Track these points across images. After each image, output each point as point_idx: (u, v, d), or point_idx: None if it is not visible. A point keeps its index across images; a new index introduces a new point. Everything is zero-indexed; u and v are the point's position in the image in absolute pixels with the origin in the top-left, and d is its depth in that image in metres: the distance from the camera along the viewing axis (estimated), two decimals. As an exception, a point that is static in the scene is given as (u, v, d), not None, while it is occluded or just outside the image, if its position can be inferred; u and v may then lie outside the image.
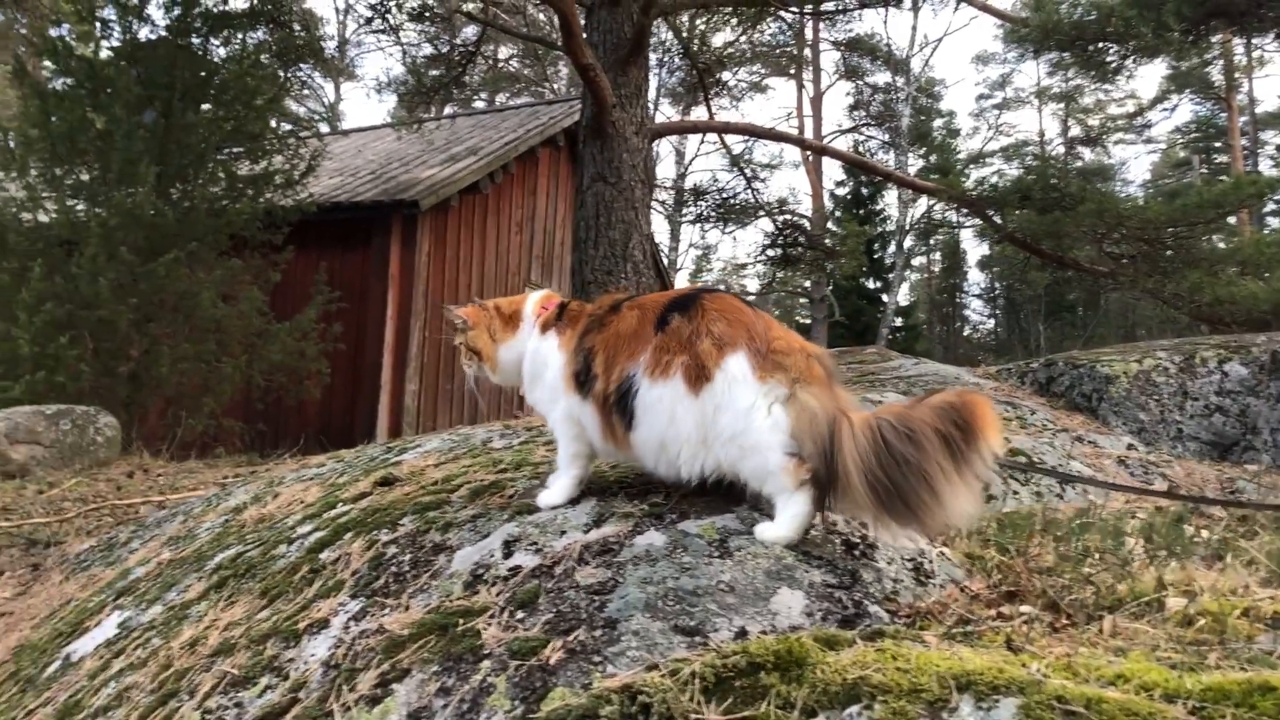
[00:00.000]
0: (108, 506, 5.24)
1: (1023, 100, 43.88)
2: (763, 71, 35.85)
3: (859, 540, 2.00)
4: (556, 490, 2.18)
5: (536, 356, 2.28)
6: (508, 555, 1.95)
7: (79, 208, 9.21)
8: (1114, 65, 9.65)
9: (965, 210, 9.28)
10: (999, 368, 4.99)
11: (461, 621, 1.77)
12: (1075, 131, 41.91)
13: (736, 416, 1.91)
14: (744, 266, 59.72)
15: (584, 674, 1.54)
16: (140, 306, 8.62)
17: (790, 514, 1.89)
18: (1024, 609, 1.84)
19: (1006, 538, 2.18)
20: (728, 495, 2.02)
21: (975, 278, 49.49)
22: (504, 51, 33.40)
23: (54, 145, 9.03)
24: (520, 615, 1.74)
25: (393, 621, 1.86)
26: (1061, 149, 42.52)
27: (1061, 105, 41.66)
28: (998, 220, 8.93)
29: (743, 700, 1.41)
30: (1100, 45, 8.99)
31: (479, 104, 30.27)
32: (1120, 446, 3.75)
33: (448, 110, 18.39)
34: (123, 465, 7.29)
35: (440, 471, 2.61)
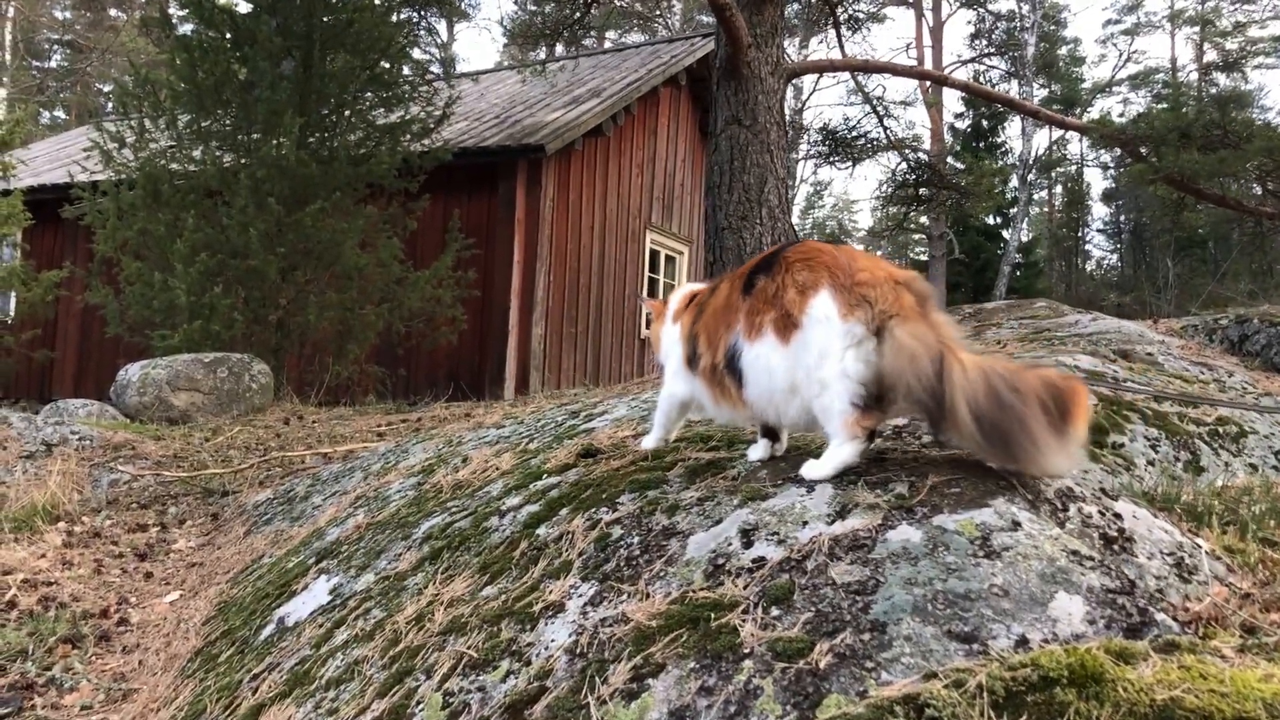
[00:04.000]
0: (278, 459, 5.39)
1: (1154, 25, 41.70)
2: (881, 0, 34.70)
3: (1116, 534, 1.90)
4: (651, 438, 2.55)
5: (665, 345, 2.50)
6: (748, 545, 1.90)
7: (225, 159, 9.44)
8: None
9: (1118, 149, 8.83)
10: (1184, 323, 4.74)
11: (713, 615, 1.73)
12: (1211, 56, 39.65)
13: (819, 355, 1.98)
14: (855, 203, 58.69)
15: (857, 680, 1.48)
16: (287, 256, 8.83)
17: (834, 458, 2.03)
18: (1310, 614, 1.72)
19: (1268, 528, 2.05)
20: (977, 485, 1.93)
21: (1099, 212, 47.62)
22: (615, -15, 32.99)
23: (200, 97, 9.25)
24: (776, 612, 1.69)
25: (636, 610, 1.83)
26: (1195, 75, 40.39)
27: (1197, 29, 39.44)
28: (1153, 160, 8.47)
29: (1038, 719, 1.34)
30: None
31: (588, 42, 30.06)
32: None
33: (560, 50, 18.27)
34: (276, 411, 7.53)
35: (641, 441, 2.58)
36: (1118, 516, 1.95)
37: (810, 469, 2.06)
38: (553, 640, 1.86)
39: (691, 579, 1.87)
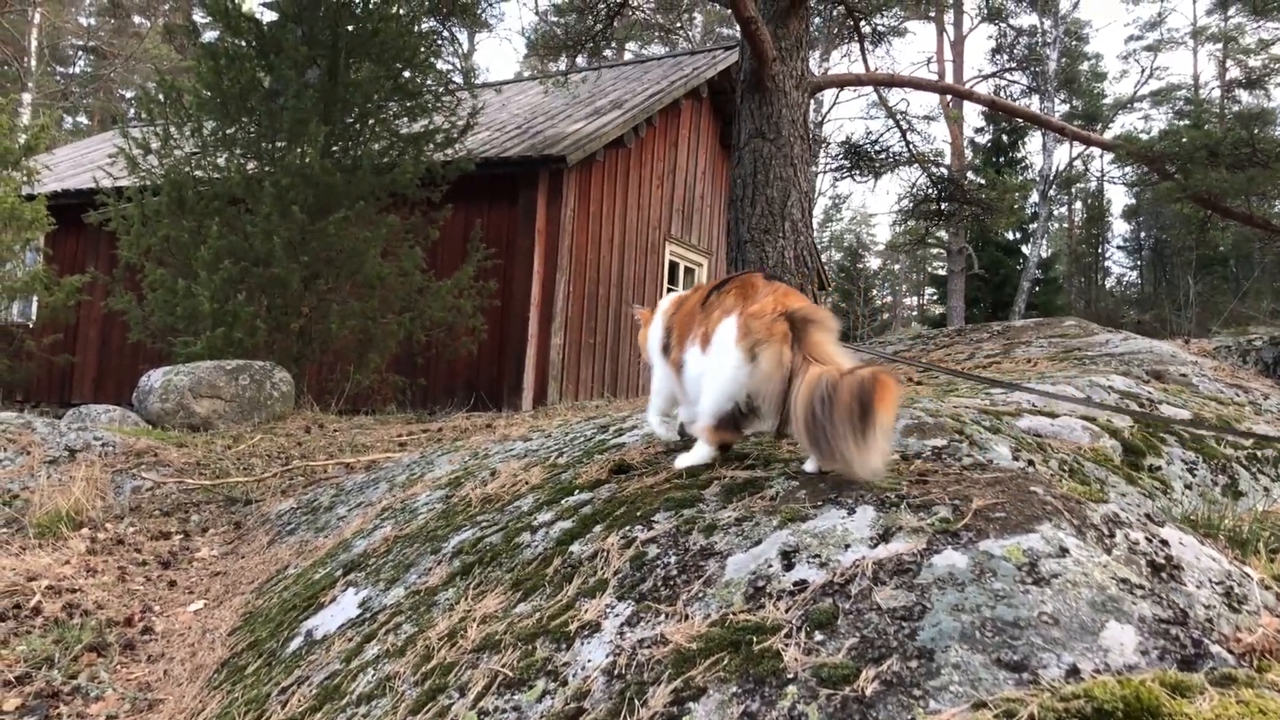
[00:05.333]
0: (300, 468, 5.39)
1: (1177, 41, 41.56)
2: (901, 14, 34.68)
3: (1164, 561, 1.86)
4: (658, 430, 2.92)
5: (652, 333, 2.87)
6: (788, 567, 1.87)
7: (249, 166, 9.48)
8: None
9: (1144, 167, 8.78)
10: (1216, 344, 4.69)
11: (755, 638, 1.70)
12: (1234, 73, 39.47)
13: (710, 372, 2.40)
14: (873, 216, 58.55)
15: (905, 709, 1.46)
16: (309, 264, 8.85)
17: (696, 454, 2.50)
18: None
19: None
20: (1022, 509, 1.90)
21: (1120, 228, 47.40)
22: (637, -1, 33.08)
23: (226, 105, 9.29)
24: (819, 637, 1.66)
25: (675, 631, 1.80)
26: (1217, 92, 40.21)
27: (1220, 45, 39.28)
28: (1180, 178, 8.41)
29: (1093, 752, 1.31)
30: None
31: (609, 54, 30.12)
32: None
33: (582, 61, 18.31)
34: (297, 419, 7.53)
35: (675, 460, 2.55)
36: (1164, 543, 1.92)
37: (680, 460, 2.54)
38: (589, 660, 1.84)
39: (731, 601, 1.84)
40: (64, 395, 15.12)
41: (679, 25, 34.02)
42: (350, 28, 9.69)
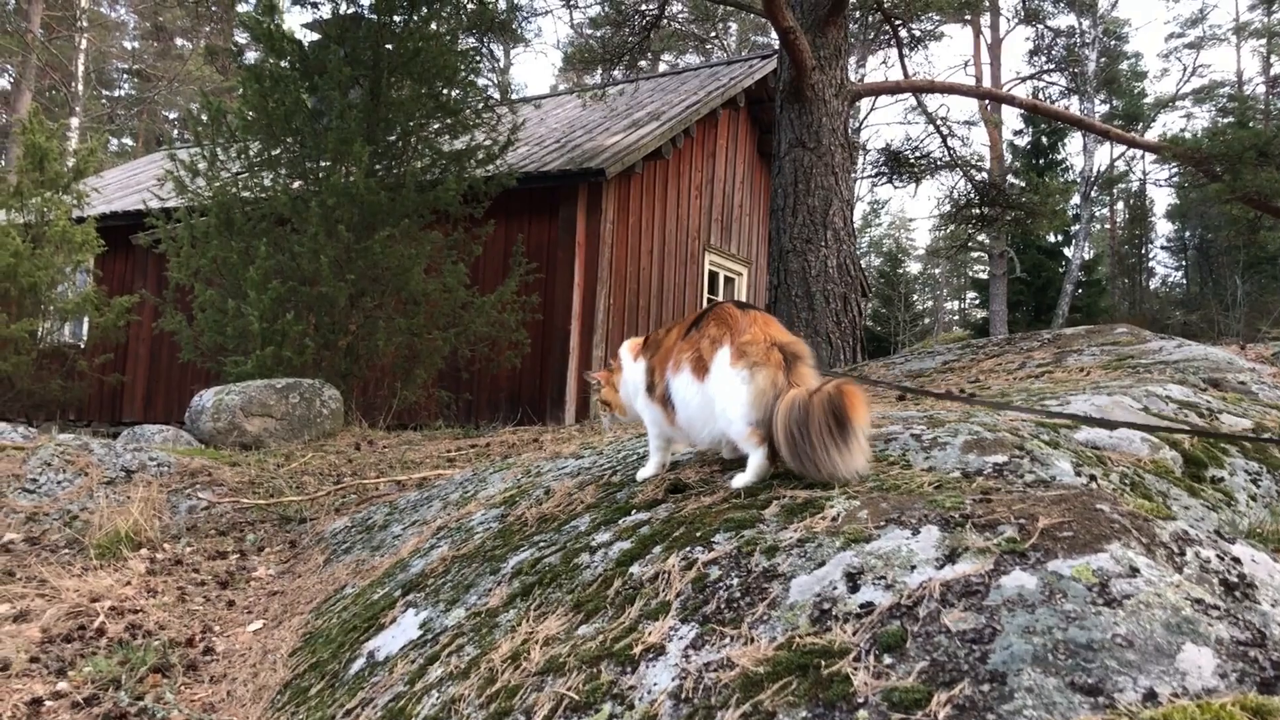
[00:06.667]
0: (353, 485, 5.44)
1: (1219, 38, 40.96)
2: (938, 18, 34.47)
3: (1236, 580, 1.84)
4: (650, 466, 2.98)
5: (630, 379, 2.99)
6: (854, 589, 1.87)
7: (294, 185, 9.61)
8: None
9: (1192, 168, 8.67)
10: (1274, 349, 4.61)
11: (823, 662, 1.69)
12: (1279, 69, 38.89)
13: (723, 395, 2.53)
14: (912, 221, 58.14)
15: (979, 733, 1.45)
16: (356, 282, 8.95)
17: (752, 466, 2.54)
18: None
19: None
20: (1089, 528, 1.88)
21: (1163, 229, 46.72)
22: (670, 8, 33.11)
23: (271, 126, 9.43)
24: (889, 660, 1.65)
25: (740, 655, 1.80)
26: (1262, 89, 39.58)
27: (1264, 41, 38.69)
28: (1228, 179, 8.29)
29: (1175, 778, 1.30)
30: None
31: (643, 65, 30.19)
32: None
33: (618, 74, 18.37)
34: (346, 436, 7.61)
35: (731, 479, 2.56)
36: (1236, 561, 1.89)
37: (738, 479, 2.57)
38: (655, 684, 1.84)
39: (797, 623, 1.84)
40: (115, 414, 15.38)
41: (714, 35, 34.00)
42: (390, 47, 9.80)
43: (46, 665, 3.10)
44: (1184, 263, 45.80)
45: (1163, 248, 46.95)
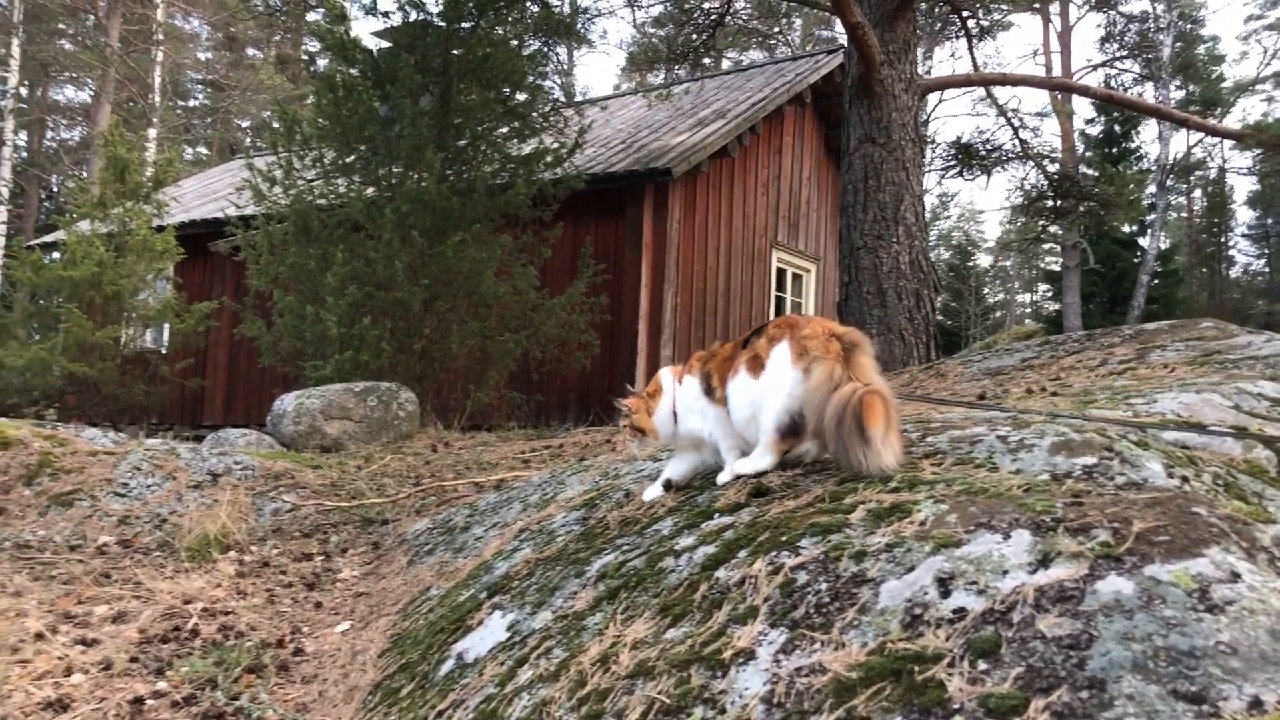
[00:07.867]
0: (432, 487, 5.53)
1: (1300, 18, 39.66)
2: (1006, 8, 33.88)
3: (1340, 584, 1.80)
4: (726, 473, 2.92)
5: (684, 398, 3.03)
6: (945, 594, 1.86)
7: (367, 191, 9.78)
8: None
9: (1275, 154, 8.41)
10: (1371, 344, 4.45)
11: (916, 668, 1.69)
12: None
13: (774, 387, 2.64)
14: (981, 213, 57.25)
15: (1079, 741, 1.44)
16: (429, 286, 9.09)
17: (757, 458, 2.77)
18: None
19: None
20: (1186, 532, 1.86)
21: (1244, 216, 45.37)
22: (734, 5, 32.99)
23: (345, 134, 9.61)
24: (983, 666, 1.65)
25: (833, 660, 1.81)
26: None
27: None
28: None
29: (1285, 788, 1.28)
30: None
31: (707, 62, 30.14)
32: None
33: (682, 73, 18.36)
34: (422, 438, 7.73)
35: (817, 485, 2.55)
36: None
37: (744, 465, 2.82)
38: (746, 689, 1.85)
39: (888, 629, 1.84)
40: (196, 417, 15.78)
41: (778, 31, 33.86)
42: (458, 53, 9.92)
43: (145, 665, 3.20)
44: (1267, 251, 44.45)
45: (1244, 235, 45.61)
